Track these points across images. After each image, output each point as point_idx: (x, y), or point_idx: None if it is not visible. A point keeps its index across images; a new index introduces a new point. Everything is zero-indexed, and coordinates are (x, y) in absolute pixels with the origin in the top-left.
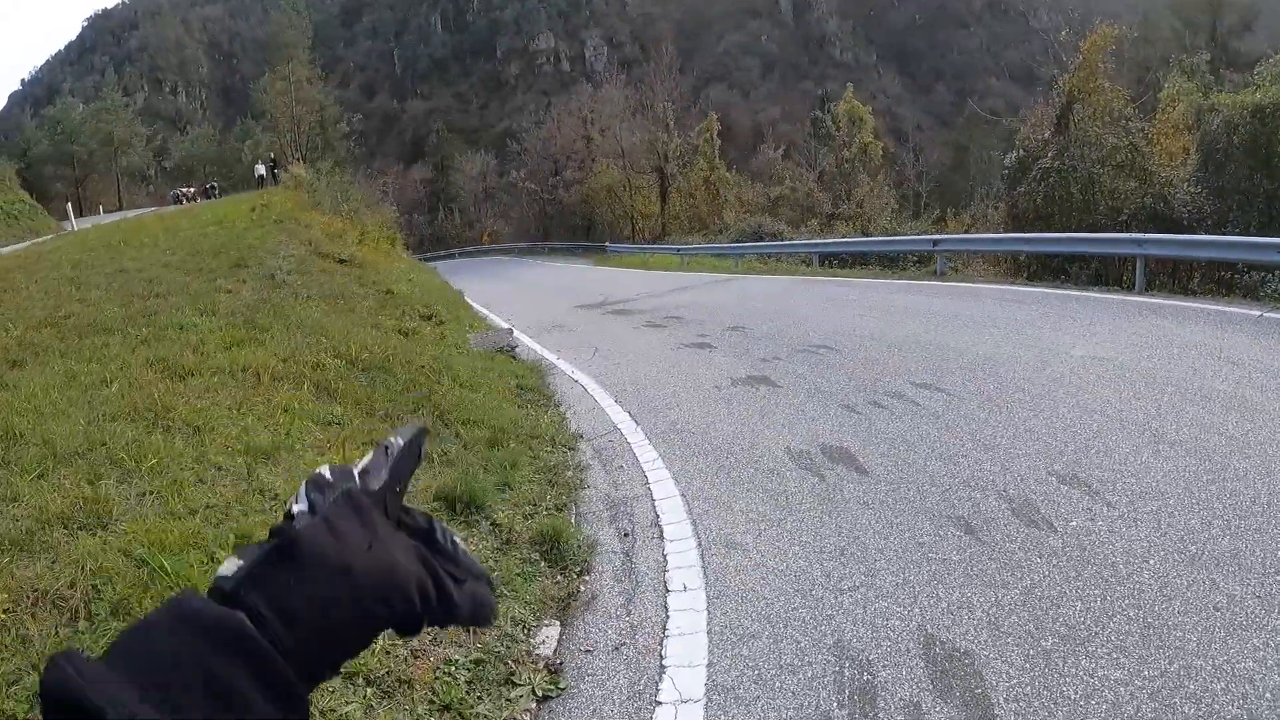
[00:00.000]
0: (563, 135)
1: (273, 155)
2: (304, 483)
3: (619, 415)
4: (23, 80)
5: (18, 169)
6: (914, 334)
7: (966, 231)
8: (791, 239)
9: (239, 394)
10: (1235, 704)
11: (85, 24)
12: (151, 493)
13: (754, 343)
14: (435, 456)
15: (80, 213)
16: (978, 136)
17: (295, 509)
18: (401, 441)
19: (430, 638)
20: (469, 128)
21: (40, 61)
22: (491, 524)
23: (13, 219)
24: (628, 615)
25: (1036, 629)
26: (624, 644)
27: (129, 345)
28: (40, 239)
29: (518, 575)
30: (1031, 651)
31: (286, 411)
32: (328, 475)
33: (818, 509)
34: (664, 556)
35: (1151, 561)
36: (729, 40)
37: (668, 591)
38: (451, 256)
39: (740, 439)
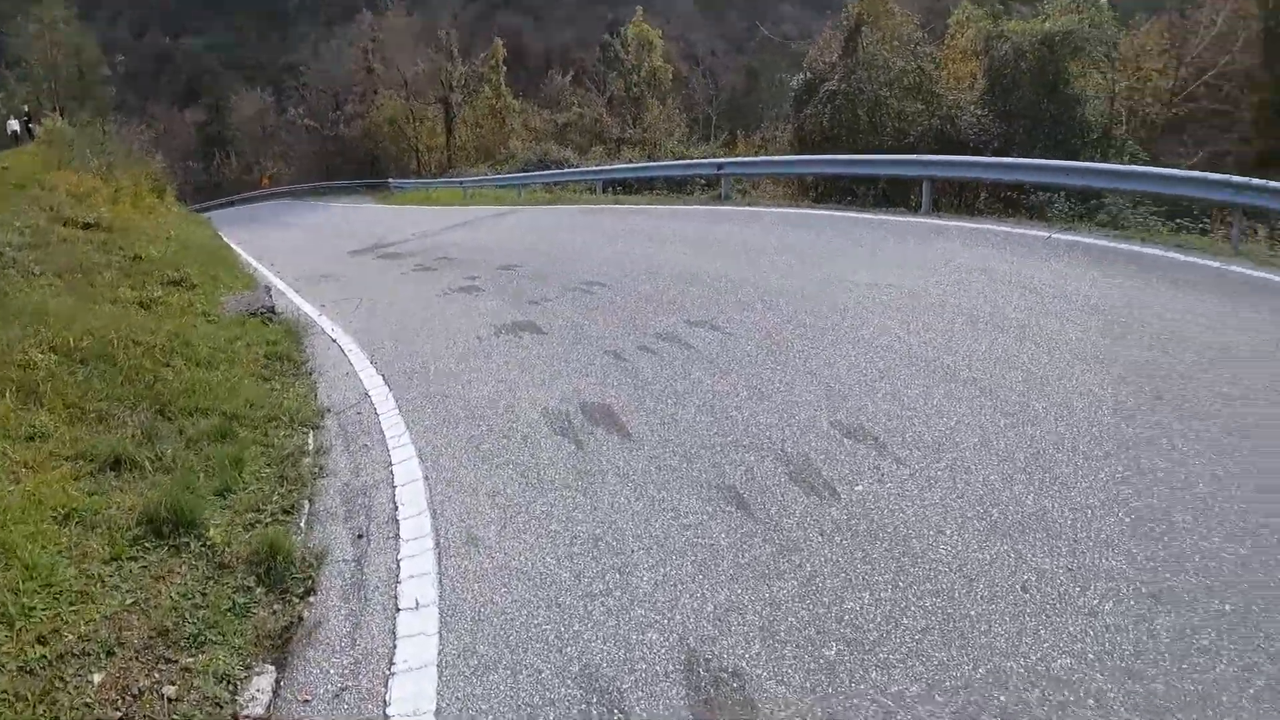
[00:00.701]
0: (343, 68)
1: (26, 108)
2: None
3: (372, 380)
4: None
5: None
6: (693, 265)
7: (757, 154)
8: (577, 165)
9: None
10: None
11: None
12: None
13: (525, 282)
14: (148, 464)
15: None
16: (769, 61)
17: None
18: None
19: (119, 715)
20: (248, 64)
21: None
22: (203, 544)
23: None
24: (353, 647)
25: (818, 634)
26: (346, 688)
27: None
28: None
29: (228, 611)
30: (812, 665)
31: None
32: None
33: (572, 487)
34: (397, 563)
35: (948, 532)
36: None
37: (398, 610)
38: (230, 204)
39: (496, 400)
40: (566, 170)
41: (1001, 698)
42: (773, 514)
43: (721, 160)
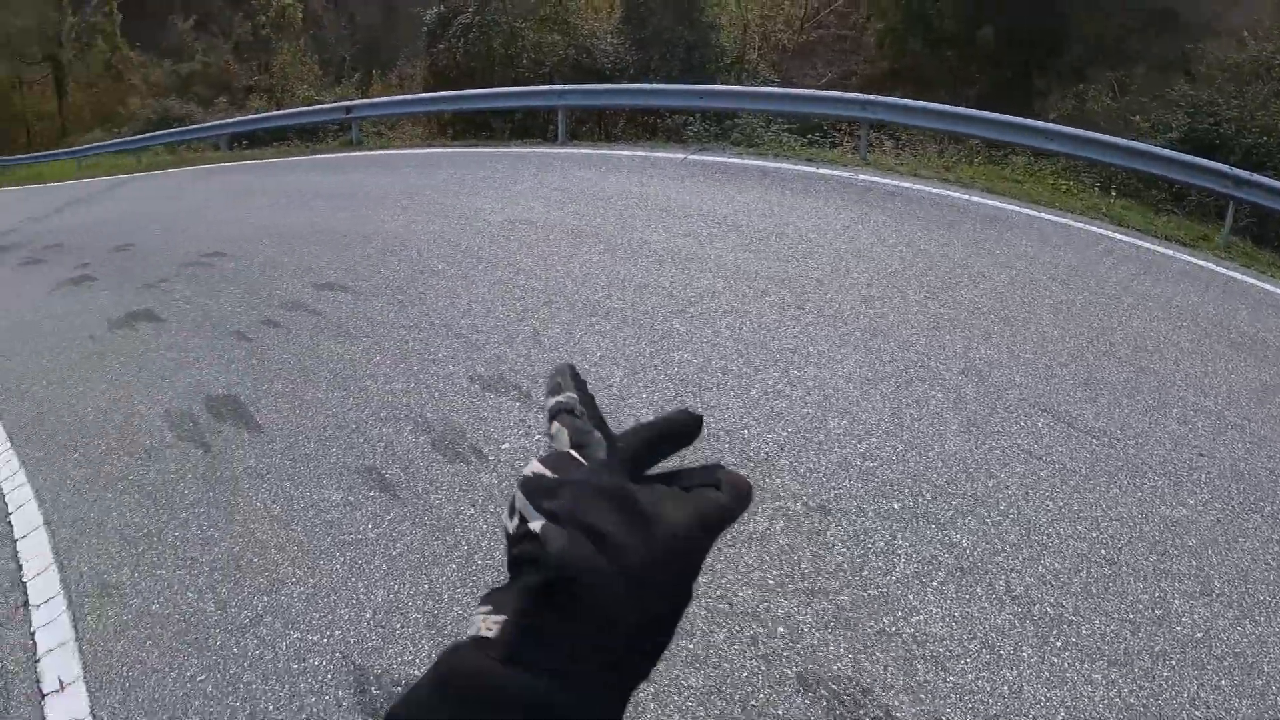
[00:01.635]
0: None
1: None
2: (518, 494)
3: None
4: None
5: None
6: (320, 221)
7: (392, 94)
8: (201, 120)
9: None
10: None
11: None
12: None
13: (141, 263)
14: None
15: None
16: None
17: (533, 526)
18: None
19: None
20: None
21: None
22: None
23: None
24: None
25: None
26: None
27: None
28: None
29: None
30: None
31: None
32: (547, 473)
33: (205, 501)
34: (32, 636)
35: None
36: None
37: (43, 696)
38: None
39: (115, 409)
40: (189, 128)
41: (680, 643)
42: (419, 491)
43: (351, 102)
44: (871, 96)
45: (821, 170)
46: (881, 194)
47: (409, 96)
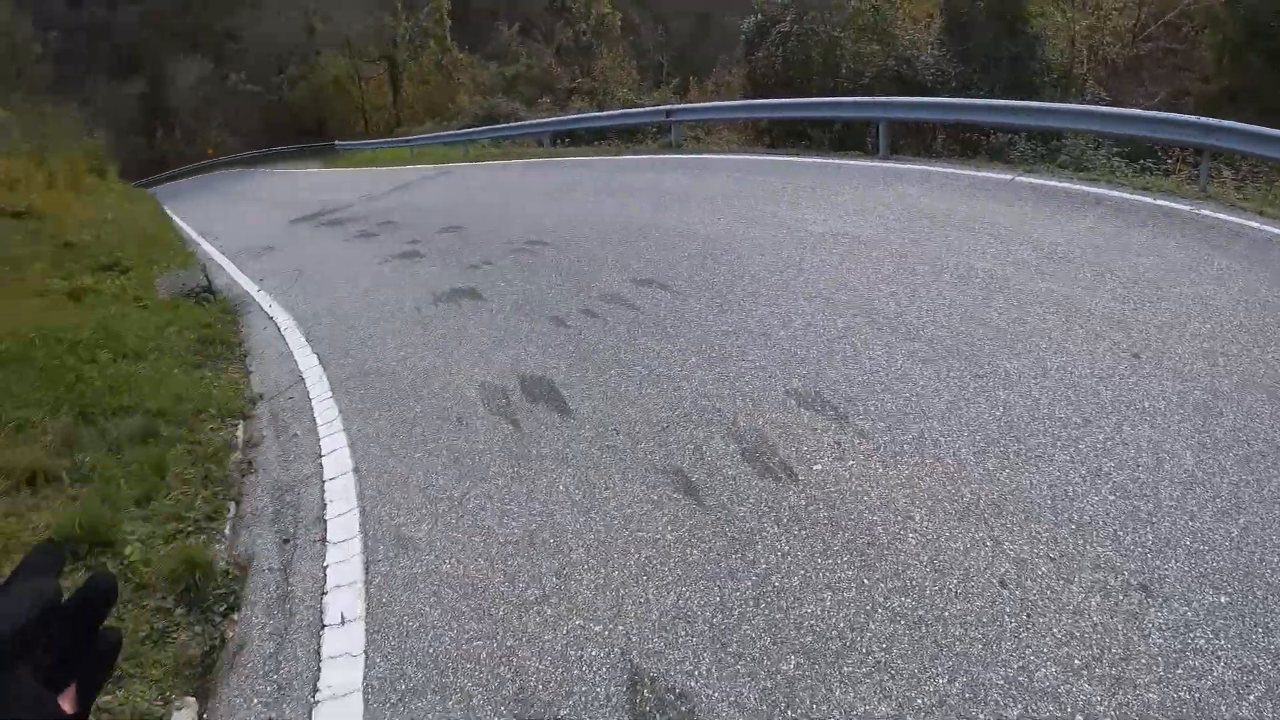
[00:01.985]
0: (284, 29)
1: None
2: None
3: (306, 360)
4: None
5: None
6: (638, 218)
7: (709, 100)
8: (526, 118)
9: None
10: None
11: None
12: None
13: (467, 245)
14: (66, 476)
15: None
16: (720, 2)
17: None
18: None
19: None
20: (187, 30)
21: None
22: (121, 564)
23: None
24: (277, 671)
25: (775, 644)
26: (270, 719)
27: None
28: None
29: (145, 639)
30: (769, 684)
31: None
32: None
33: (508, 474)
34: (324, 571)
35: (917, 518)
36: None
37: (323, 628)
38: (176, 179)
39: (433, 376)
40: (514, 124)
41: (982, 715)
42: (724, 500)
43: (671, 106)
44: (1215, 121)
45: (1158, 201)
46: (1225, 233)
47: (728, 103)
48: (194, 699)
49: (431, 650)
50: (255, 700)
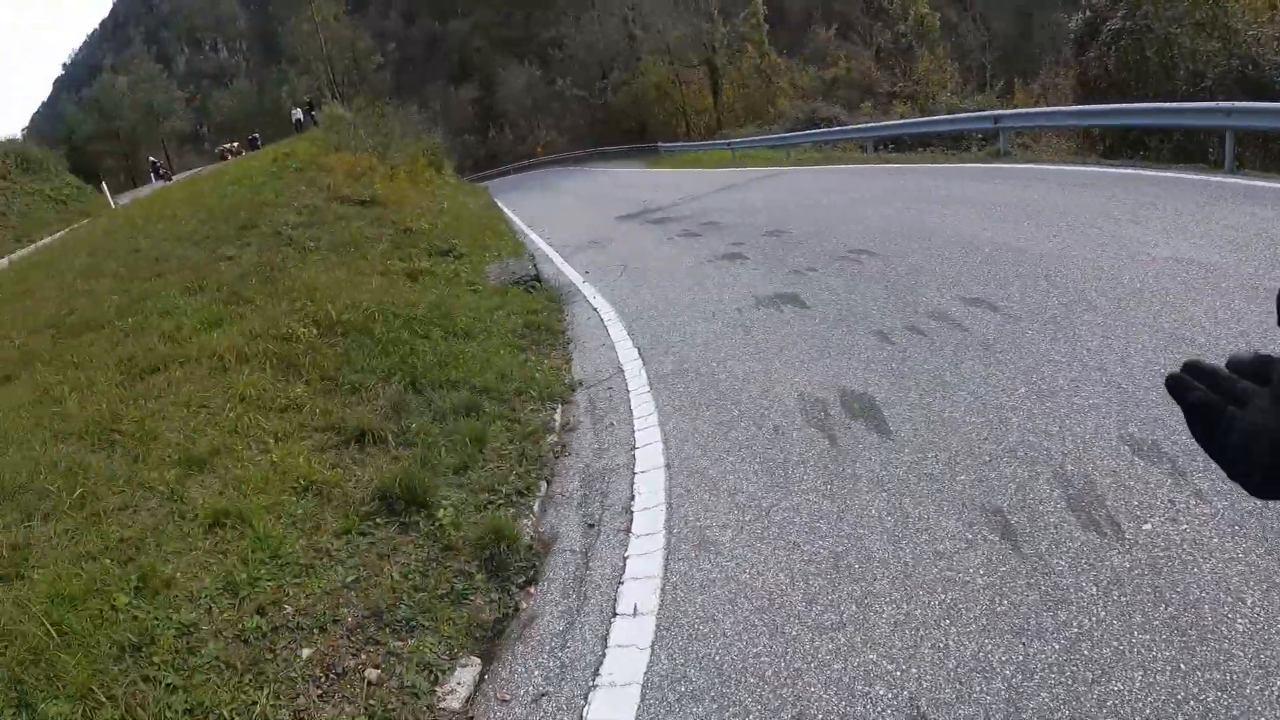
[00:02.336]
0: (606, 37)
1: (308, 98)
2: None
3: (627, 353)
4: (64, 65)
5: (66, 153)
6: (967, 231)
7: (1036, 104)
8: (847, 123)
9: (199, 386)
10: None
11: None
12: (70, 530)
13: (790, 250)
14: (392, 438)
15: (134, 183)
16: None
17: None
18: None
19: (319, 693)
20: (514, 40)
21: (78, 43)
22: (433, 524)
23: (61, 204)
24: (563, 649)
25: (1076, 708)
26: (546, 694)
27: (112, 341)
28: (80, 223)
29: (444, 596)
30: None
31: (244, 401)
32: None
33: (820, 490)
34: (624, 560)
35: (1249, 602)
36: None
37: (615, 615)
38: (507, 173)
39: (751, 382)
40: (835, 128)
41: None
42: (1041, 550)
43: (998, 112)
44: None
45: None
46: None
47: (1058, 109)
48: (479, 660)
49: (717, 658)
50: (536, 673)
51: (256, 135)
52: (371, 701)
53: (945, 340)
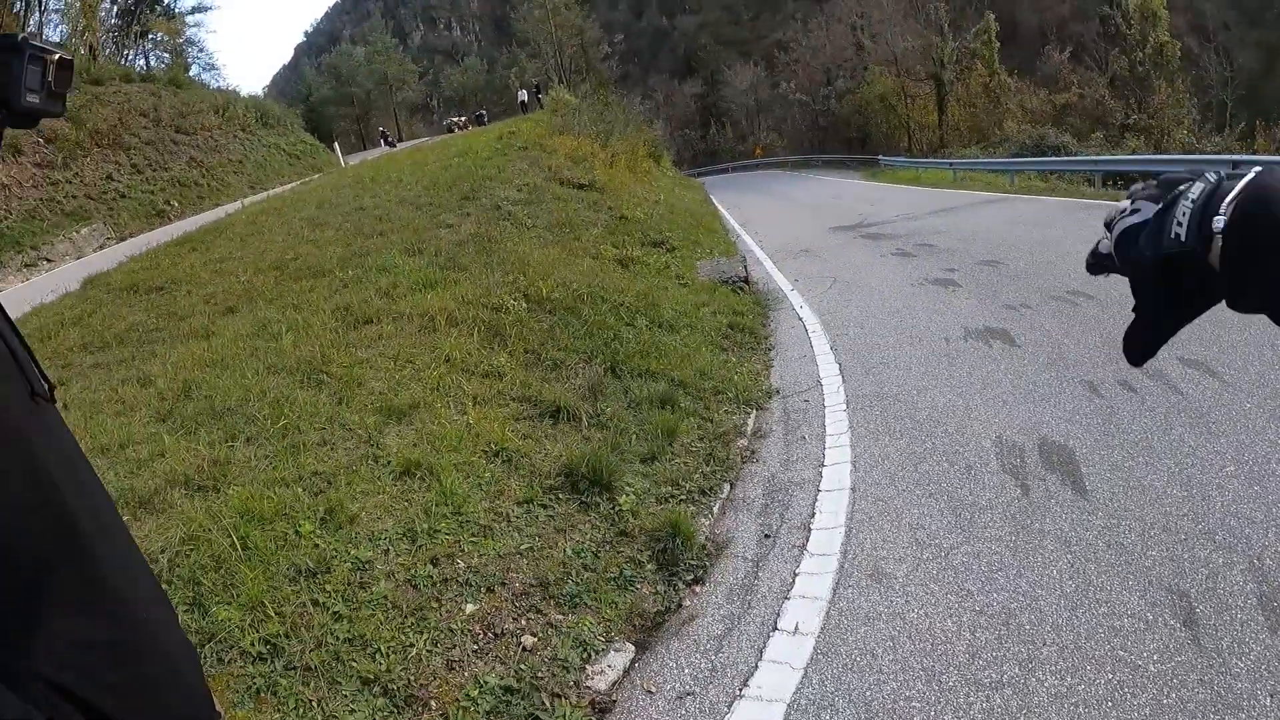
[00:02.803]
0: (833, 43)
1: (535, 82)
2: None
3: (828, 367)
4: (305, 33)
5: (303, 112)
6: None
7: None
8: (1076, 153)
9: (408, 342)
10: None
11: None
12: (269, 456)
13: (1004, 282)
14: (585, 418)
15: (364, 146)
16: None
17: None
18: None
19: (475, 648)
20: (739, 40)
21: (320, 14)
22: (613, 508)
23: (295, 158)
24: (717, 652)
25: None
26: (692, 693)
27: (331, 289)
28: (311, 178)
29: (612, 580)
30: None
31: (448, 362)
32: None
33: (1005, 540)
34: (794, 576)
35: None
36: None
37: (774, 630)
38: (724, 171)
39: (949, 415)
40: (1063, 158)
41: None
42: (1223, 647)
43: (1238, 157)
44: None
45: None
46: None
47: None
48: (633, 647)
49: (869, 694)
50: (686, 671)
51: (484, 112)
52: (523, 666)
53: (1157, 401)
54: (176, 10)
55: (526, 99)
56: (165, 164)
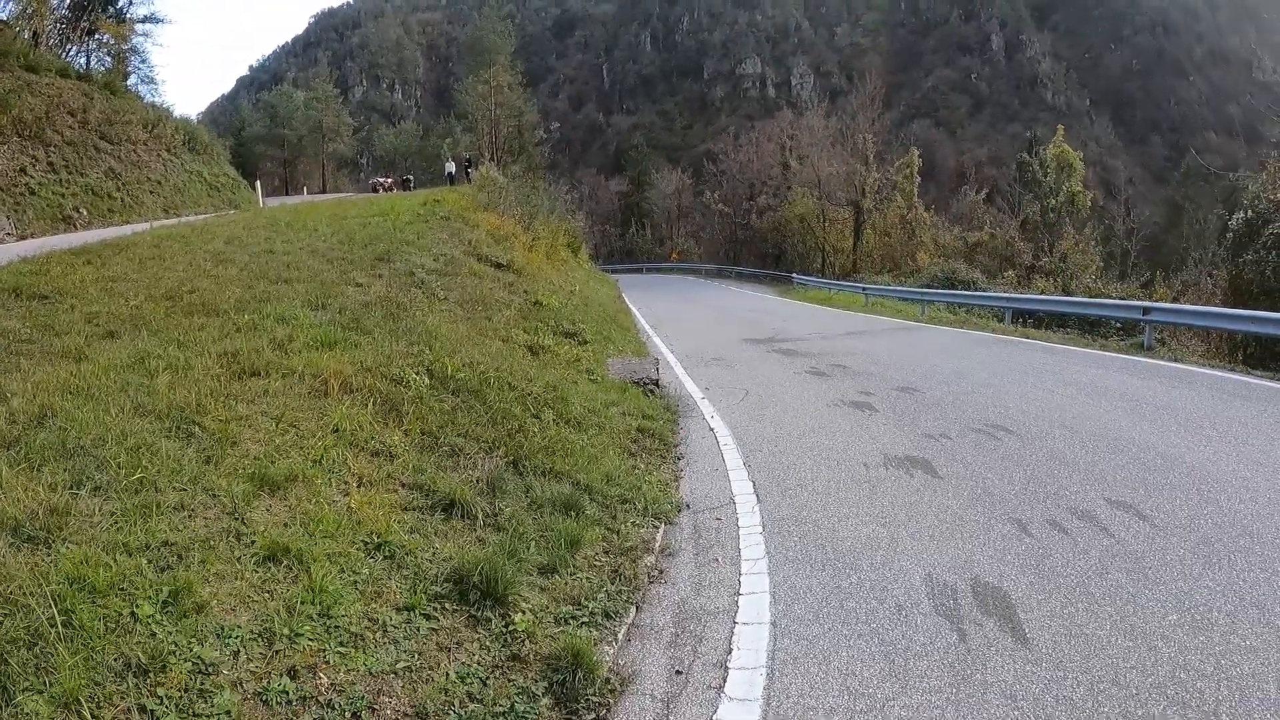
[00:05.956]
0: (760, 160)
1: (468, 155)
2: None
3: (741, 484)
4: (251, 67)
5: (231, 145)
6: (1114, 426)
7: (1176, 300)
8: (986, 289)
9: (295, 403)
10: None
11: (312, 20)
12: (116, 513)
13: (923, 410)
14: (482, 516)
15: (286, 190)
16: (1195, 194)
17: None
18: None
19: None
20: (670, 145)
21: (269, 51)
22: (505, 625)
23: (214, 189)
24: None
25: None
26: None
27: (222, 331)
28: (226, 212)
29: (501, 715)
30: None
31: (336, 432)
32: None
33: (945, 693)
34: None
35: None
36: (938, 75)
37: None
38: (639, 270)
39: (874, 548)
40: (974, 293)
41: None
42: None
43: (1149, 304)
44: None
45: None
46: None
47: (1213, 309)
48: None
49: None
50: None
51: (410, 178)
52: None
53: (1090, 544)
54: (128, 16)
55: (455, 171)
56: (83, 169)
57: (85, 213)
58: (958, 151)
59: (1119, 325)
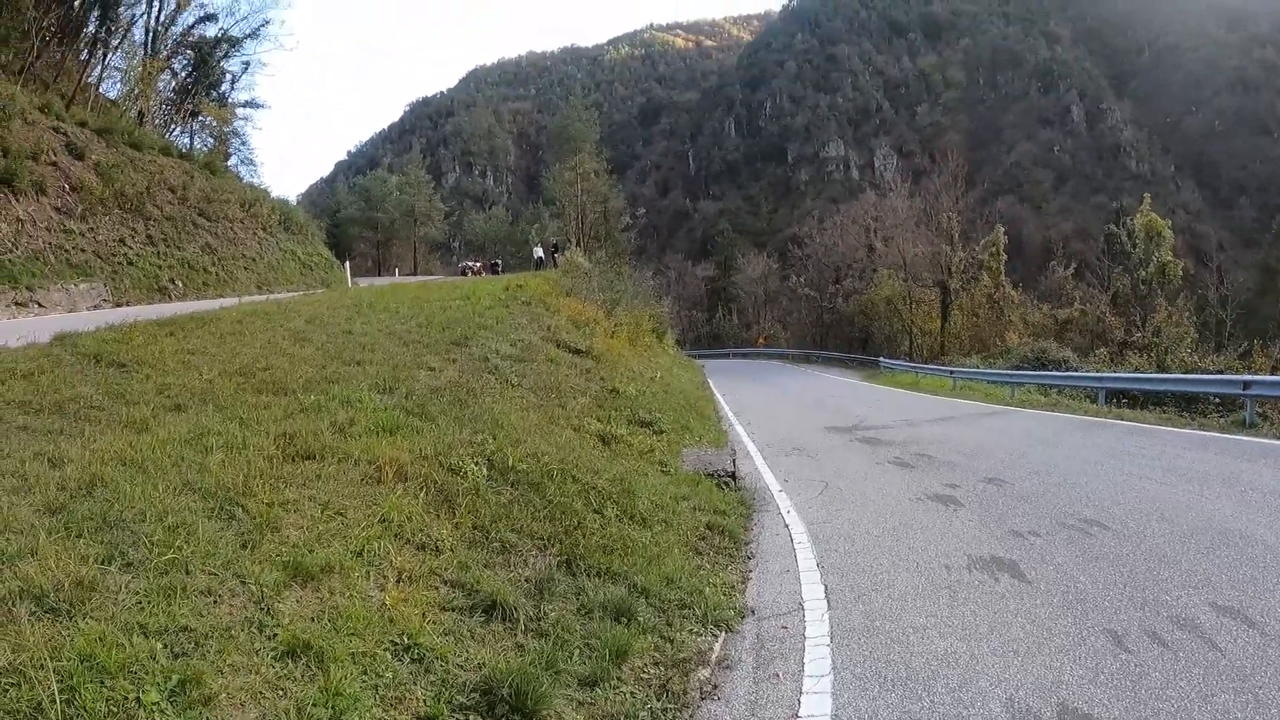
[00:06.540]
0: (845, 243)
1: (554, 240)
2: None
3: (812, 587)
4: (349, 152)
5: (326, 226)
6: (1217, 516)
7: (1275, 369)
8: (1078, 368)
9: (346, 490)
10: None
11: (407, 108)
12: (141, 593)
13: (1011, 504)
14: (524, 620)
15: (379, 272)
16: None
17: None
18: None
19: None
20: (756, 230)
21: (366, 138)
22: None
23: (307, 268)
24: None
25: None
26: None
27: (285, 411)
28: (315, 290)
29: None
30: None
31: (384, 522)
32: None
33: None
34: None
35: None
36: (1019, 150)
37: None
38: (725, 355)
39: (951, 664)
40: (1065, 373)
41: None
42: None
43: (1249, 377)
44: None
45: None
46: None
47: None
48: None
49: None
50: None
51: (498, 262)
52: None
53: (1193, 659)
54: (230, 100)
55: (542, 255)
56: (180, 242)
57: (180, 284)
58: (1043, 226)
59: (1217, 401)
